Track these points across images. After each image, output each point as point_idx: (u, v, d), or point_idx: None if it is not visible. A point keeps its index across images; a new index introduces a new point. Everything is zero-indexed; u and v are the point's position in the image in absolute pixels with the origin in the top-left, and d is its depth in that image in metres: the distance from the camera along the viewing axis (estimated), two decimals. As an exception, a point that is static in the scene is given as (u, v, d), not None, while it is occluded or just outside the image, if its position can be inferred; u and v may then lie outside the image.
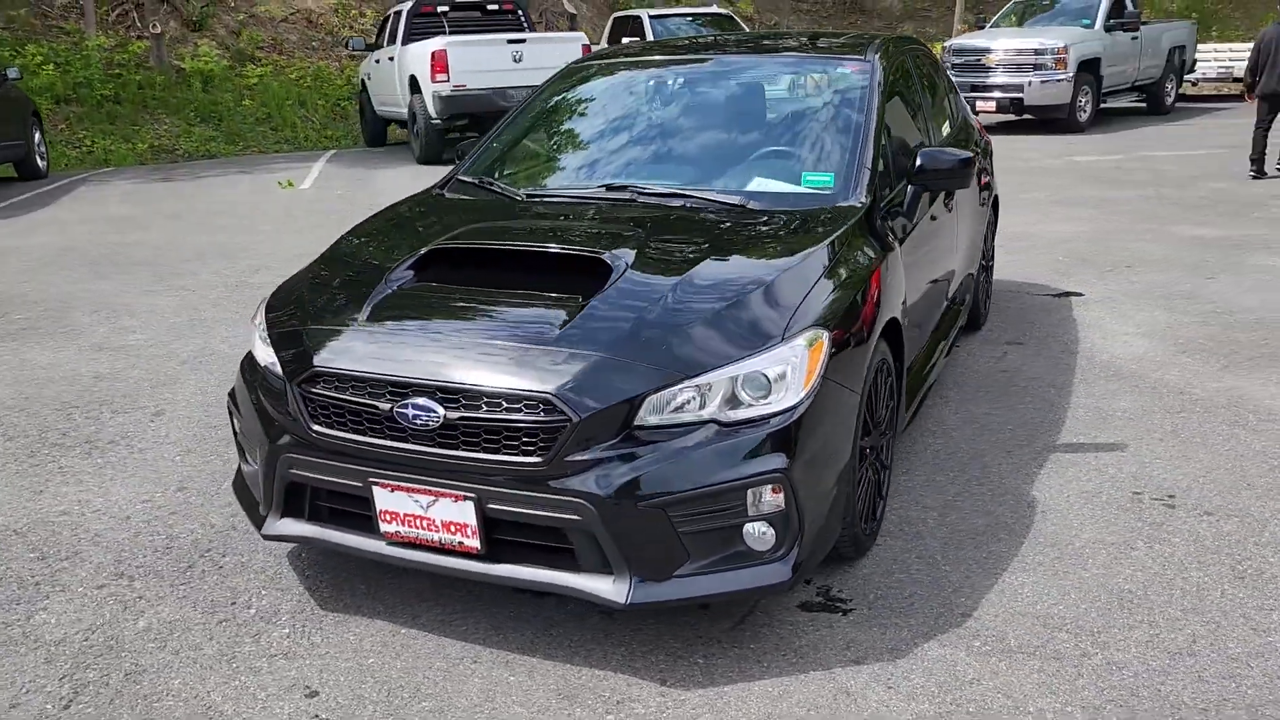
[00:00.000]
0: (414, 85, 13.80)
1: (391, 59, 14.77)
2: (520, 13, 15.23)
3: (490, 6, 15.07)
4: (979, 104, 15.48)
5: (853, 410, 3.06)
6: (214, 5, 21.51)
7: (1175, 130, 16.07)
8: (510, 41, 13.46)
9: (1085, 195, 10.38)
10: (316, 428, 2.97)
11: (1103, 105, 16.82)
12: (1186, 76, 19.45)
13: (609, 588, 2.76)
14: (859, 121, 3.90)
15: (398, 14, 15.05)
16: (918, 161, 3.91)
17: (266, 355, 3.28)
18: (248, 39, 21.40)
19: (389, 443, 2.88)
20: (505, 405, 2.74)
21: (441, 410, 2.78)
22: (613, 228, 3.47)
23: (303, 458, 3.02)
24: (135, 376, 5.58)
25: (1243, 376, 5.06)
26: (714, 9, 19.23)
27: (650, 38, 16.89)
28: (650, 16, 17.49)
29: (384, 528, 2.95)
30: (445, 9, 14.75)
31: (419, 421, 2.81)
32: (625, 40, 17.07)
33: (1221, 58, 22.00)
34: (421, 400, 2.81)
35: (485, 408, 2.76)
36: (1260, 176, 10.96)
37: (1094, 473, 4.04)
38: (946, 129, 5.23)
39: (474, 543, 2.85)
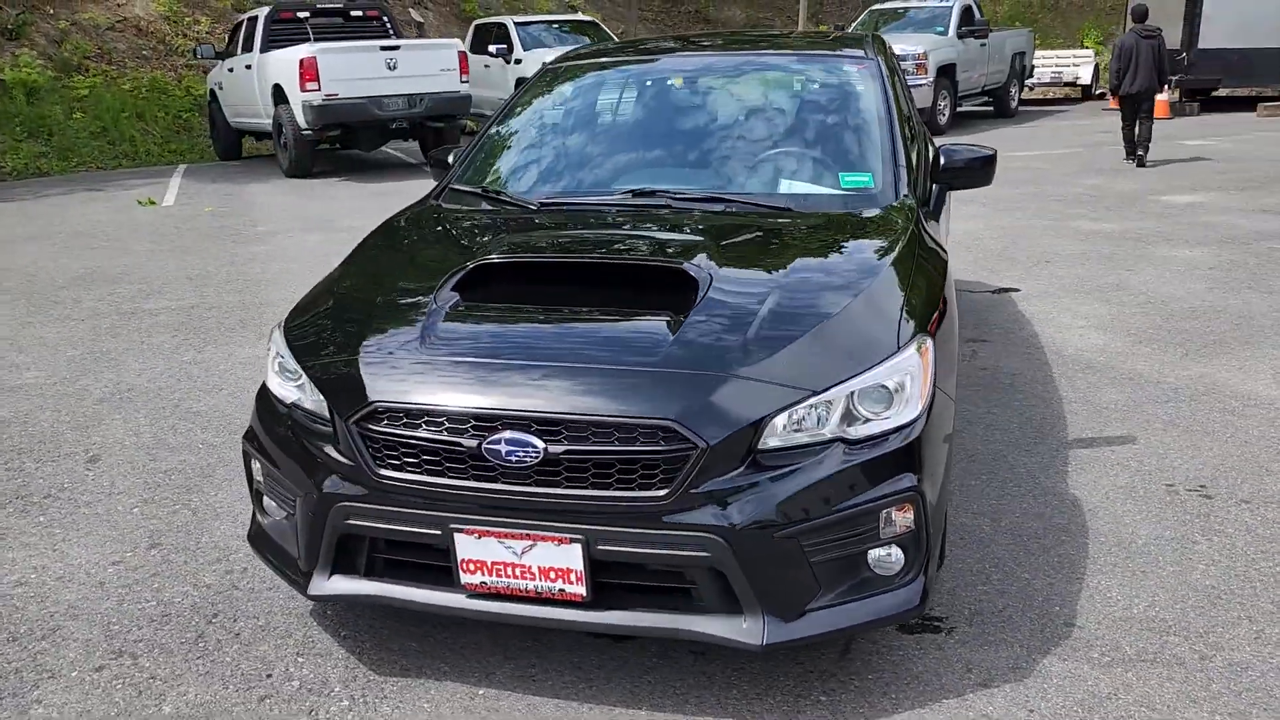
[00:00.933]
0: (279, 95, 13.03)
1: (249, 67, 13.93)
2: (386, 19, 14.63)
3: (354, 13, 14.41)
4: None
5: (951, 417, 2.92)
6: (31, 13, 19.87)
7: (1026, 131, 16.85)
8: (384, 49, 12.88)
9: (974, 194, 10.64)
10: (383, 471, 2.61)
11: (958, 108, 17.49)
12: (1027, 81, 20.48)
13: (741, 629, 2.51)
14: (883, 118, 3.77)
15: (253, 20, 14.20)
16: (940, 160, 3.81)
17: (290, 391, 2.89)
18: (72, 48, 19.85)
19: (474, 484, 2.55)
20: (618, 435, 2.46)
21: (541, 444, 2.48)
22: (670, 235, 3.22)
23: (362, 506, 2.65)
24: (47, 420, 4.94)
25: (1206, 364, 5.20)
26: (580, 16, 19.02)
27: (518, 45, 16.54)
28: (516, 24, 17.12)
29: (465, 579, 2.62)
30: (307, 14, 14.01)
31: (513, 458, 2.49)
32: (491, 49, 16.68)
33: (1049, 63, 23.27)
34: (516, 434, 2.49)
35: (593, 439, 2.47)
36: (1131, 159, 11.90)
37: (1118, 467, 4.03)
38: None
39: (579, 589, 2.55)
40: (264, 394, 3.03)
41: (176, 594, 3.32)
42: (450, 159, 4.23)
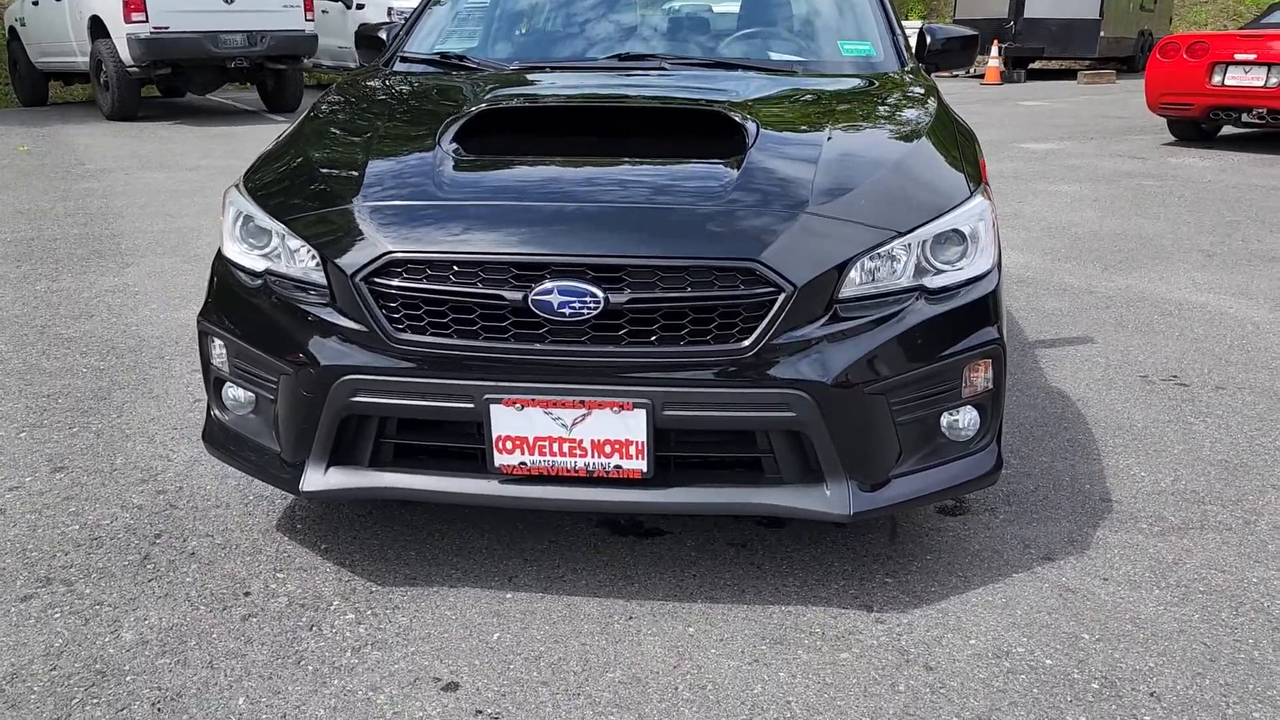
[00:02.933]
0: (97, 28, 11.79)
1: (59, 0, 12.59)
2: (216, -50, 13.46)
3: (179, -59, 13.19)
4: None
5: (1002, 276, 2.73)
6: None
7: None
8: (220, -21, 11.84)
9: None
10: (402, 335, 2.20)
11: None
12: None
13: (824, 499, 2.24)
14: (866, -10, 3.56)
15: (63, -53, 12.81)
16: (926, 38, 3.64)
17: (256, 260, 2.44)
18: None
19: (516, 345, 2.18)
20: (690, 280, 2.15)
21: (601, 293, 2.13)
22: (685, 93, 2.90)
23: (373, 379, 2.24)
24: (-119, 348, 4.18)
25: (1127, 276, 5.29)
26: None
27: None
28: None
29: (501, 460, 2.24)
30: (126, -59, 12.72)
31: (567, 311, 2.14)
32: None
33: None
34: (570, 283, 2.14)
35: (661, 286, 2.14)
36: None
37: (1088, 363, 3.99)
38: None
39: (638, 464, 2.22)
40: (223, 264, 2.54)
41: (102, 516, 2.79)
42: (382, 34, 3.76)
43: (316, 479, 2.33)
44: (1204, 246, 5.93)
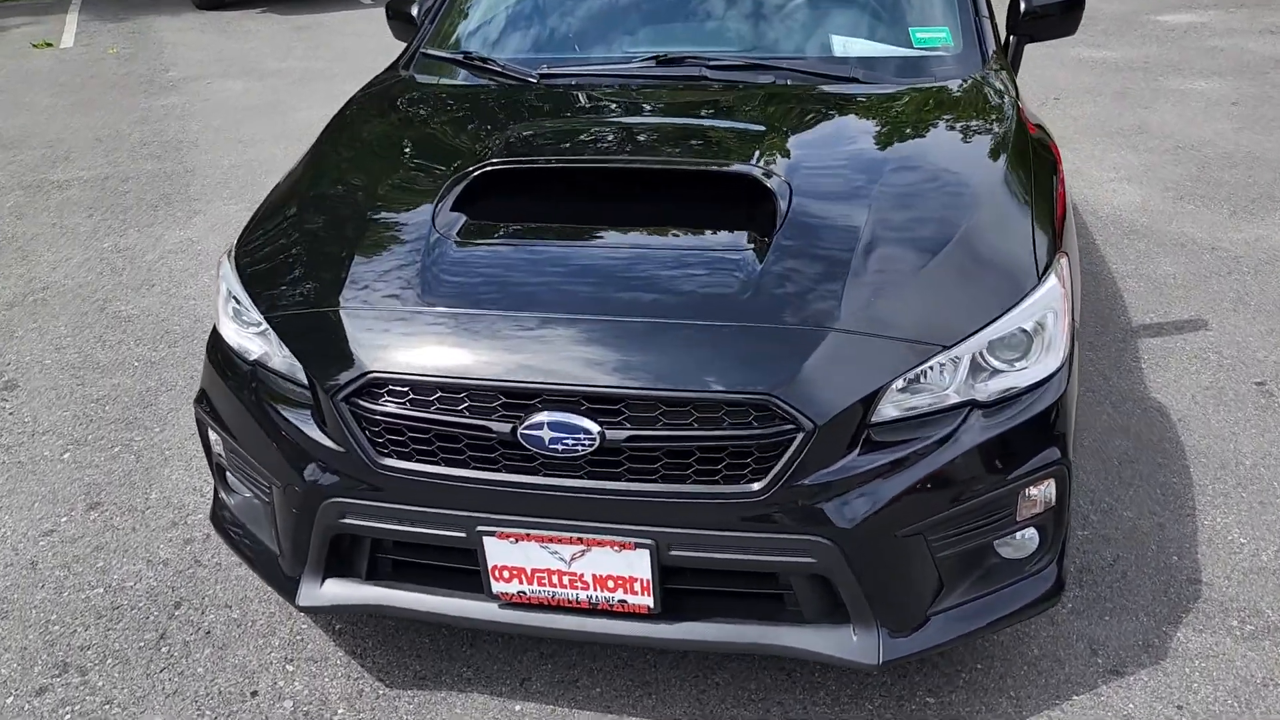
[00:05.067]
0: (181, -88, 11.54)
1: (144, -120, 12.29)
2: None
3: None
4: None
5: (1075, 351, 2.37)
6: None
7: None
8: None
9: (958, 17, 9.86)
10: (386, 461, 2.02)
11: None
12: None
13: (850, 645, 2.02)
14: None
15: None
16: (1021, 6, 3.14)
17: (250, 341, 2.27)
18: None
19: (509, 477, 1.98)
20: (697, 415, 1.89)
21: (596, 428, 1.90)
22: (718, 122, 2.56)
23: (359, 502, 2.07)
24: (-53, 332, 4.22)
25: (1258, 224, 4.72)
26: None
27: None
28: None
29: (498, 587, 2.08)
30: None
31: (560, 447, 1.92)
32: None
33: None
34: (561, 415, 1.91)
35: (664, 422, 1.89)
36: None
37: (1197, 361, 3.57)
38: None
39: (644, 600, 2.03)
40: (217, 343, 2.38)
41: (127, 575, 2.75)
42: (414, 11, 3.45)
43: (312, 593, 2.21)
44: (1356, 177, 5.24)
